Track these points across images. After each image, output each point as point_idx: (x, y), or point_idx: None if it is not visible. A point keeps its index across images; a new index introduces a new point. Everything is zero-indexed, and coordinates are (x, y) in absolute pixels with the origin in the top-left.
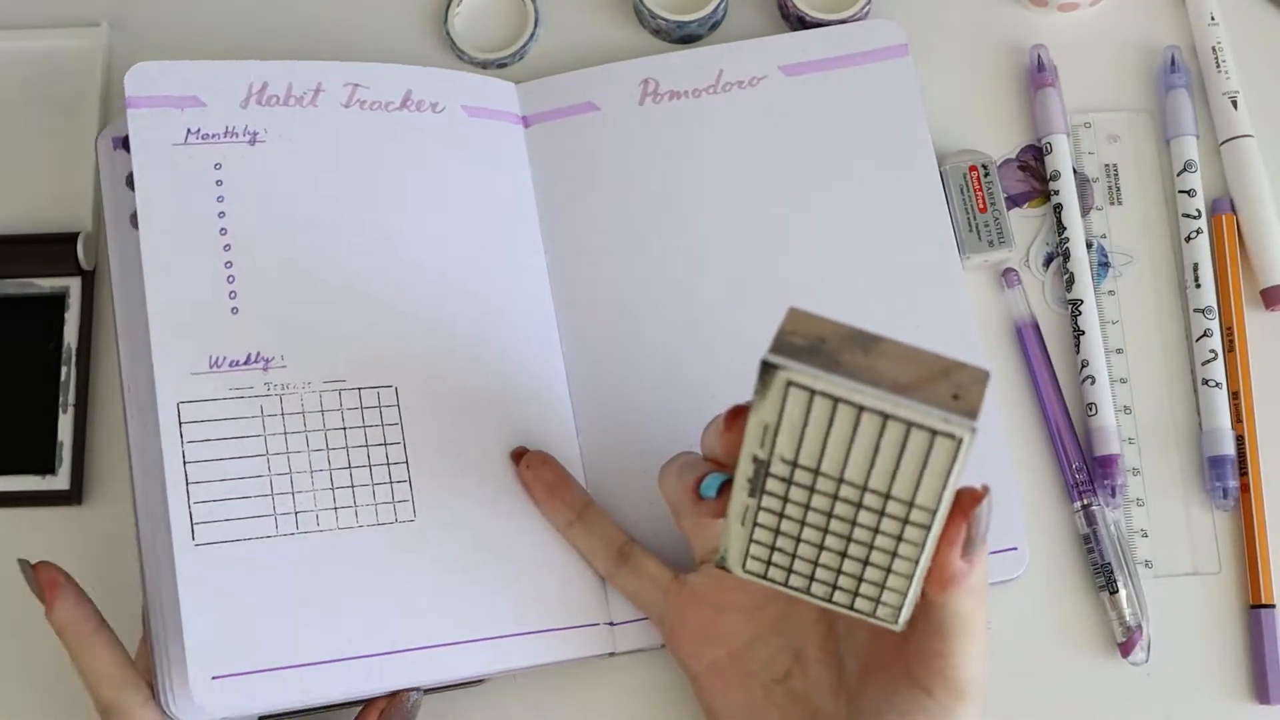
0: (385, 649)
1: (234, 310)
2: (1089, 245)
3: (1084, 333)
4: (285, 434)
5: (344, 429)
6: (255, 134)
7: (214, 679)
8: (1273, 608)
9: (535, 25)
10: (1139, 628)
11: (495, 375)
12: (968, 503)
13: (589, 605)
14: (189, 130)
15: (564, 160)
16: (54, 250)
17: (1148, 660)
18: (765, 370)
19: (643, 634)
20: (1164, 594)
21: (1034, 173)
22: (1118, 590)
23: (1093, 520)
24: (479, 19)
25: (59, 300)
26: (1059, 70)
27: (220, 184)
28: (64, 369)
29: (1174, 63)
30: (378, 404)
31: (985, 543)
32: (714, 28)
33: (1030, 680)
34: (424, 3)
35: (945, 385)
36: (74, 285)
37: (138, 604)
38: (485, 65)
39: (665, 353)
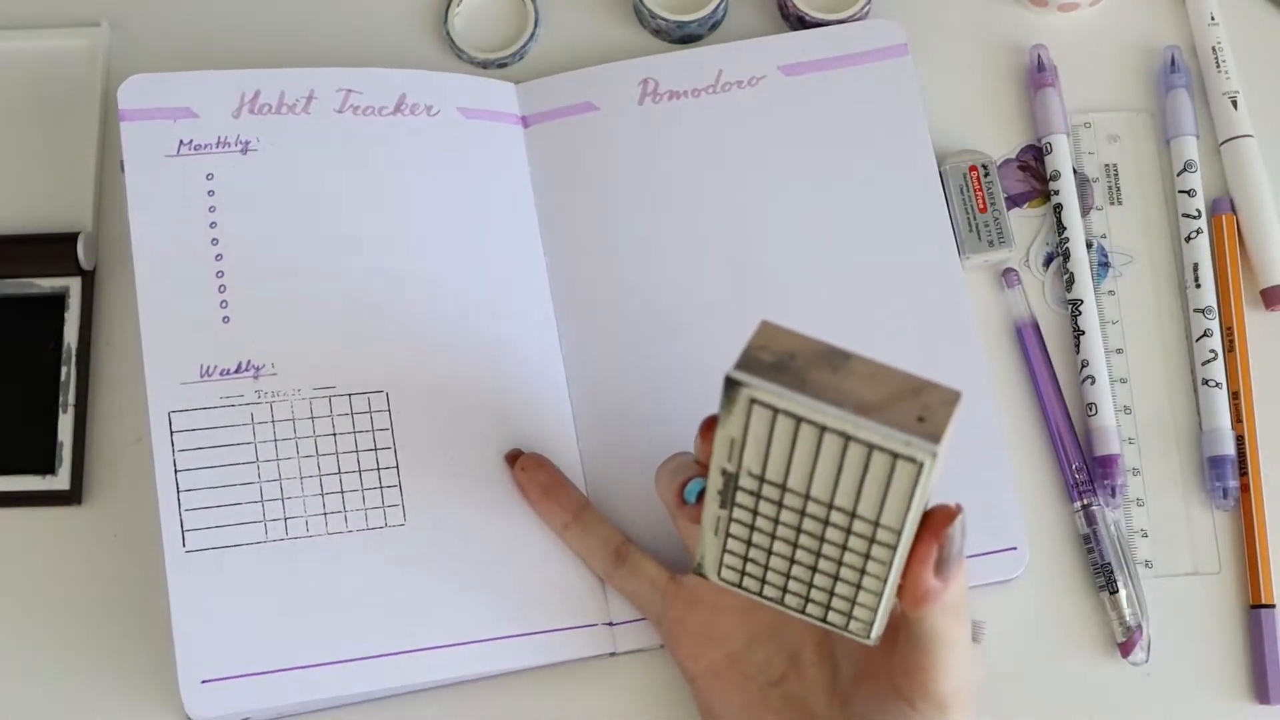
0: (376, 652)
1: (225, 320)
2: (1089, 245)
3: (1084, 333)
4: (275, 441)
5: (334, 435)
6: (247, 143)
7: (204, 683)
8: (1273, 608)
9: (535, 25)
10: (1139, 628)
11: (494, 377)
12: (940, 521)
13: (588, 606)
14: (181, 141)
15: (563, 160)
16: (54, 250)
17: (1148, 660)
18: (729, 386)
19: (642, 634)
20: (1164, 594)
21: (1034, 173)
22: (1118, 590)
23: (1093, 520)
24: (479, 19)
25: (59, 300)
26: (1059, 70)
27: (212, 194)
28: (64, 369)
29: (1174, 63)
30: (368, 409)
31: (961, 560)
32: (714, 28)
33: (1030, 680)
34: (424, 3)
35: (912, 406)
36: (74, 285)
37: (139, 603)
38: (485, 65)
39: (665, 353)
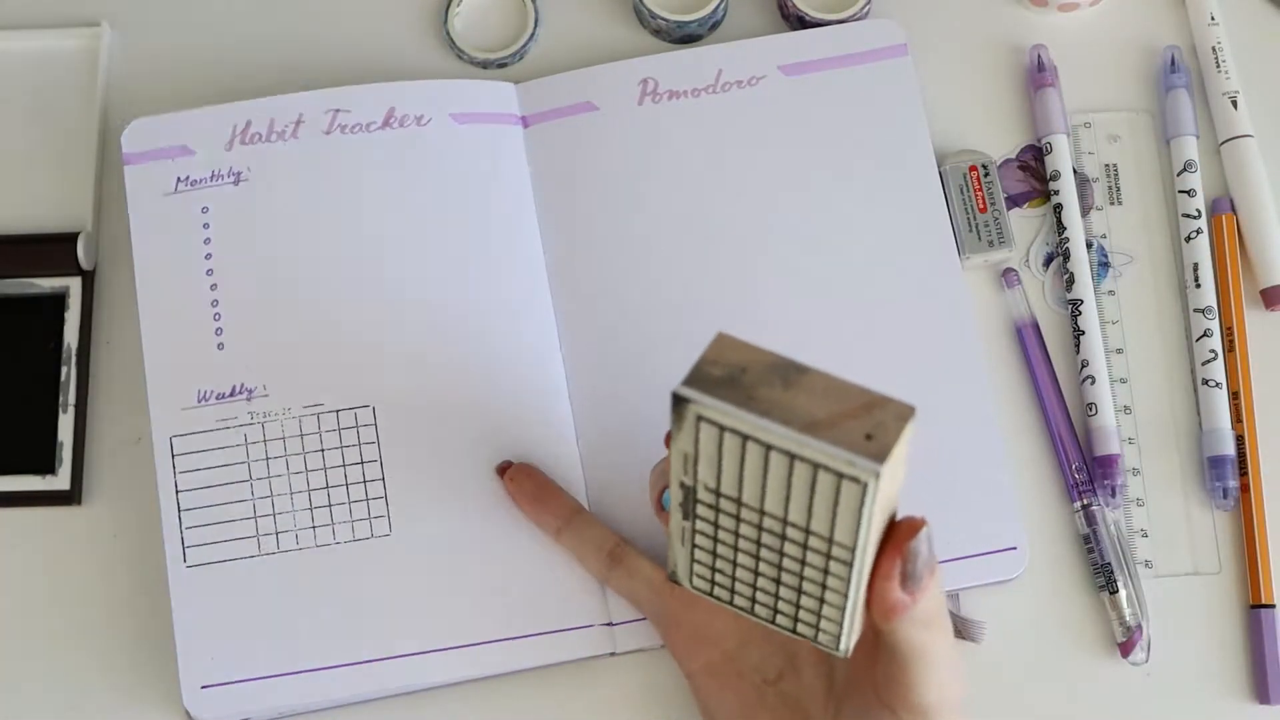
0: (369, 656)
1: (220, 346)
2: (1089, 245)
3: (1084, 333)
4: (267, 459)
5: (322, 451)
6: (239, 174)
7: (203, 688)
8: (1273, 608)
9: (535, 25)
10: (1139, 628)
11: (493, 380)
12: (903, 535)
13: (588, 607)
14: (178, 179)
15: (563, 160)
16: (54, 250)
17: (1148, 660)
18: (676, 403)
19: (642, 634)
20: (1164, 594)
21: (1034, 173)
22: (1118, 590)
23: (1093, 520)
24: (479, 19)
25: (59, 300)
26: (1059, 70)
27: (207, 227)
28: (64, 369)
29: (1174, 63)
30: (355, 424)
31: (930, 573)
32: (714, 28)
33: (1030, 680)
34: (424, 3)
35: (862, 423)
36: (74, 285)
37: (138, 603)
38: (485, 65)
39: (666, 353)
